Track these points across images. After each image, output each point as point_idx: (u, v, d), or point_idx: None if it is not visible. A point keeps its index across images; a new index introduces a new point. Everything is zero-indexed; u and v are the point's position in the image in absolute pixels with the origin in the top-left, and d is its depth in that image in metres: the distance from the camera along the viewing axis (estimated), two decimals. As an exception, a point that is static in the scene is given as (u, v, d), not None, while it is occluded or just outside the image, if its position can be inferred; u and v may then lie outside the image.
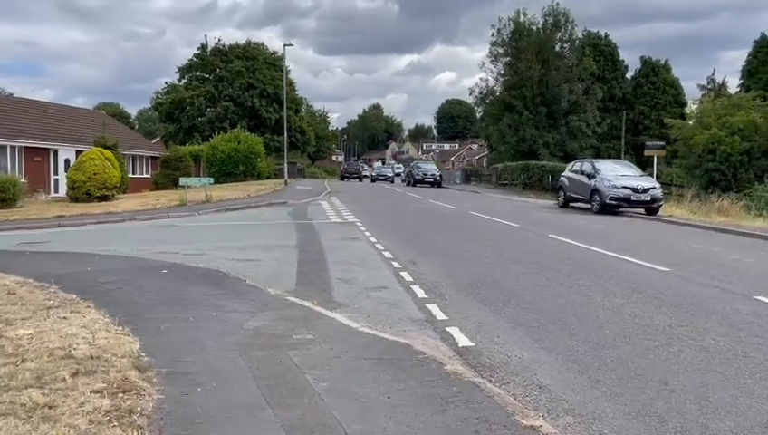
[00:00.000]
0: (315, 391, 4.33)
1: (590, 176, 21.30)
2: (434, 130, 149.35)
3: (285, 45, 44.25)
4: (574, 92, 47.78)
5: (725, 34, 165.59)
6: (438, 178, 44.84)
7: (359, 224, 16.55)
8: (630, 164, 24.63)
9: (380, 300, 7.63)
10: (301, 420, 3.84)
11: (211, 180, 26.78)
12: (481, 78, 69.88)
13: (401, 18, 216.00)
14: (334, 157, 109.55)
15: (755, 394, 4.54)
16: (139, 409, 3.86)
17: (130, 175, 34.56)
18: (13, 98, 38.11)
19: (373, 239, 13.24)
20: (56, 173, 31.52)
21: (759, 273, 9.56)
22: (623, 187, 19.96)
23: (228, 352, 5.24)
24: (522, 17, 49.31)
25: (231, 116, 56.85)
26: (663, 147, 29.65)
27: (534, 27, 49.14)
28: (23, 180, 25.38)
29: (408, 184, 46.14)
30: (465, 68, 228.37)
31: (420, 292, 8.00)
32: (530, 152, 45.80)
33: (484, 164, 72.56)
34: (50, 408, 3.78)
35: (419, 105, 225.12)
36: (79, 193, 23.56)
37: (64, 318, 5.91)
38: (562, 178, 23.97)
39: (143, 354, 5.00)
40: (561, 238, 13.41)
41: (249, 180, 39.80)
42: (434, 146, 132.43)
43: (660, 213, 20.00)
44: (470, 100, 57.74)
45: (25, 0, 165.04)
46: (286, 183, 37.35)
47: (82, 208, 20.52)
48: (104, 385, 4.17)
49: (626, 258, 10.63)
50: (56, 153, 31.84)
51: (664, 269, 9.55)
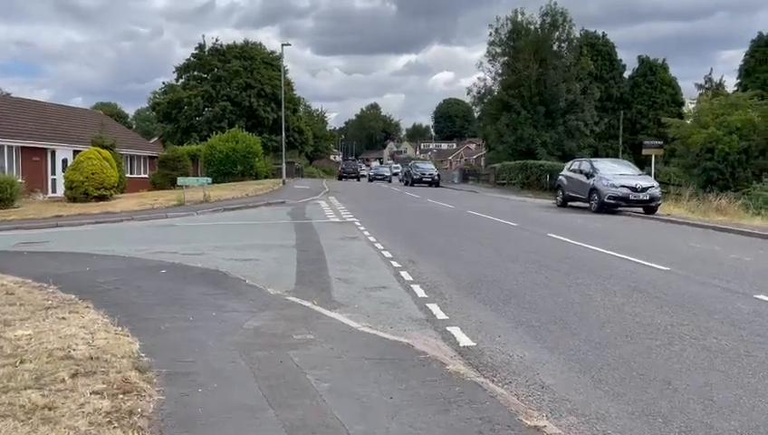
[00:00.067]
0: (317, 392, 4.31)
1: (589, 175, 21.28)
2: (431, 130, 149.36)
3: (283, 45, 44.36)
4: (572, 92, 47.82)
5: (722, 34, 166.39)
6: (436, 177, 44.82)
7: (357, 223, 16.53)
8: (629, 163, 24.64)
9: (380, 300, 7.61)
10: (302, 421, 3.81)
11: (209, 180, 26.72)
12: (479, 77, 70.05)
13: (399, 18, 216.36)
14: (332, 157, 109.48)
15: (759, 393, 4.52)
16: (140, 410, 3.83)
17: (128, 175, 34.48)
18: (10, 98, 38.00)
19: (372, 239, 13.21)
20: (54, 173, 31.43)
21: (759, 271, 9.54)
22: (621, 186, 19.94)
23: (229, 352, 5.21)
24: (519, 17, 49.39)
25: (229, 116, 56.70)
26: (661, 146, 29.65)
27: (532, 27, 49.21)
28: (20, 180, 25.30)
29: (406, 184, 46.11)
30: (462, 68, 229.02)
31: (420, 291, 7.97)
32: (528, 152, 45.81)
33: (481, 163, 72.56)
34: (49, 409, 3.75)
35: (417, 105, 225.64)
36: (76, 193, 23.49)
37: (63, 318, 5.88)
38: (561, 177, 23.96)
39: (143, 355, 4.96)
40: (559, 237, 13.39)
41: (247, 180, 39.74)
42: (431, 146, 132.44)
43: (659, 212, 20.00)
44: (468, 99, 57.76)
45: (22, 0, 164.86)
46: (284, 183, 37.31)
47: (80, 208, 20.46)
48: (104, 386, 4.14)
49: (625, 257, 10.62)
50: (54, 153, 31.75)
51: (664, 268, 9.54)
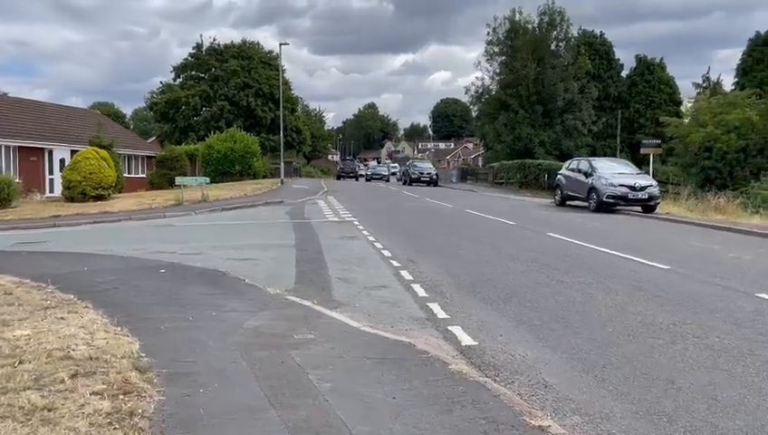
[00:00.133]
0: (319, 392, 4.27)
1: (588, 174, 21.27)
2: (429, 130, 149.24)
3: (281, 44, 44.36)
4: (570, 91, 47.83)
5: (719, 33, 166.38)
6: (435, 176, 44.79)
7: (356, 223, 16.49)
8: (627, 162, 24.63)
9: (381, 299, 7.57)
10: (305, 422, 3.77)
11: (207, 180, 26.68)
12: (477, 77, 70.05)
13: (396, 18, 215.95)
14: (330, 156, 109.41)
15: (763, 392, 4.49)
16: (141, 411, 3.79)
17: (126, 175, 34.34)
18: (7, 97, 37.79)
19: (371, 238, 13.17)
20: (51, 173, 31.32)
21: (760, 270, 9.53)
22: (620, 185, 19.93)
23: (229, 352, 5.17)
24: (517, 16, 49.38)
25: (226, 115, 56.58)
26: (659, 145, 29.60)
27: (530, 26, 49.21)
28: (17, 180, 25.21)
29: (405, 183, 46.07)
30: (460, 67, 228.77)
31: (421, 290, 7.94)
32: (526, 151, 45.81)
33: (479, 163, 72.59)
34: (49, 410, 3.71)
35: (415, 104, 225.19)
36: (74, 193, 23.39)
37: (62, 318, 5.83)
38: (559, 176, 23.94)
39: (143, 355, 4.92)
40: (559, 236, 13.37)
41: (245, 180, 39.64)
42: (429, 145, 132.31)
43: (657, 211, 19.99)
44: (466, 99, 57.68)
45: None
46: (282, 182, 37.25)
47: (78, 208, 20.38)
48: (104, 386, 4.10)
49: (625, 256, 10.60)
50: (51, 153, 31.65)
51: (664, 267, 9.52)
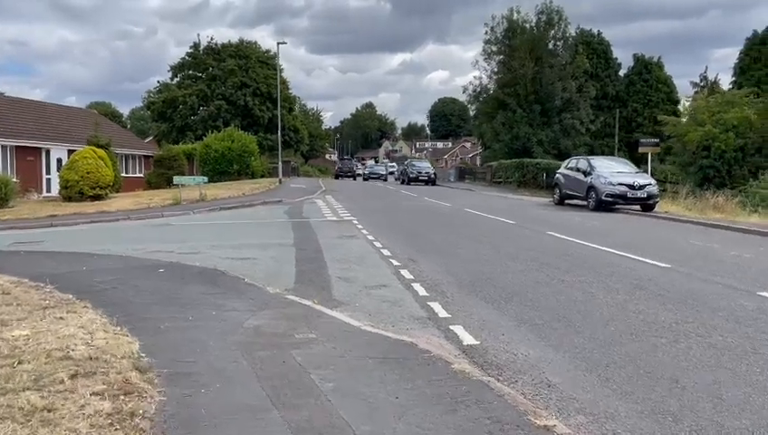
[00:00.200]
0: (321, 392, 4.23)
1: (586, 173, 21.24)
2: (427, 129, 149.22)
3: (279, 43, 44.29)
4: (568, 90, 47.90)
5: (715, 32, 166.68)
6: (433, 176, 44.79)
7: (355, 222, 16.45)
8: (626, 161, 24.62)
9: (381, 298, 7.54)
10: (308, 422, 3.74)
11: (205, 179, 26.60)
12: (475, 76, 69.99)
13: (393, 17, 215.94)
14: (328, 155, 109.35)
15: (768, 391, 4.47)
16: (142, 411, 3.76)
17: (123, 174, 34.23)
18: (4, 97, 37.65)
19: (371, 237, 13.13)
20: (48, 172, 31.23)
21: (761, 269, 9.52)
22: (619, 183, 19.90)
23: (230, 351, 5.13)
24: (515, 15, 49.49)
25: (224, 115, 56.50)
26: (657, 144, 29.61)
27: (528, 25, 49.27)
28: (15, 180, 25.12)
29: (403, 182, 46.05)
30: (457, 67, 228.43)
31: (421, 290, 7.91)
32: (524, 150, 45.82)
33: (477, 162, 72.58)
34: (49, 411, 3.67)
35: (412, 104, 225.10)
36: (72, 192, 23.32)
37: (61, 318, 5.79)
38: (558, 175, 23.92)
39: (143, 355, 4.88)
40: (558, 235, 13.34)
41: (243, 179, 39.56)
42: (427, 144, 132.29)
43: (656, 210, 19.99)
44: (464, 98, 57.66)
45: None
46: (280, 182, 37.20)
47: (75, 208, 20.31)
48: (104, 387, 4.06)
49: (625, 255, 10.58)
50: (48, 152, 31.56)
51: (664, 265, 9.50)
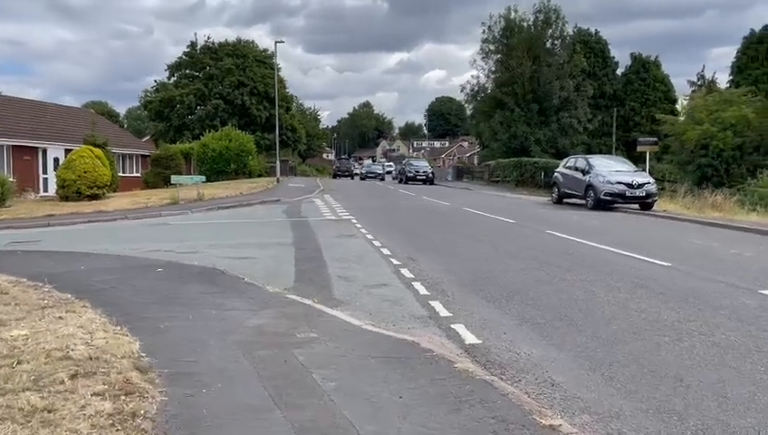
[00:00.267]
0: (324, 391, 4.20)
1: (585, 172, 21.23)
2: (424, 128, 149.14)
3: (277, 42, 44.11)
4: (565, 89, 47.86)
5: (712, 32, 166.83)
6: (430, 175, 44.80)
7: (354, 221, 16.41)
8: (624, 160, 24.65)
9: (382, 297, 7.50)
10: (312, 422, 3.70)
11: (203, 178, 26.54)
12: (472, 75, 69.75)
13: (390, 16, 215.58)
14: (325, 155, 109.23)
15: (773, 390, 4.44)
16: (143, 412, 3.71)
17: (120, 174, 34.10)
18: (0, 96, 37.54)
19: (370, 236, 13.10)
20: (45, 172, 31.13)
21: (762, 267, 9.51)
22: (618, 182, 19.89)
23: (231, 351, 5.10)
24: (513, 14, 49.40)
25: (221, 114, 56.36)
26: (655, 143, 29.64)
27: (525, 24, 49.20)
28: (11, 179, 25.02)
29: (401, 181, 46.04)
30: (454, 66, 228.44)
31: (422, 288, 7.88)
32: (521, 149, 45.79)
33: (474, 161, 72.61)
34: (49, 412, 3.62)
35: (409, 103, 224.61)
36: (69, 192, 23.23)
37: (60, 318, 5.74)
38: (556, 174, 23.93)
39: (143, 355, 4.84)
40: (558, 234, 13.32)
41: (241, 178, 39.51)
42: (424, 144, 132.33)
43: (654, 208, 19.99)
44: (461, 97, 57.69)
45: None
46: (278, 181, 37.16)
47: (73, 207, 20.24)
48: (105, 387, 4.01)
49: (625, 253, 10.55)
50: (45, 152, 31.46)
51: (665, 264, 9.48)
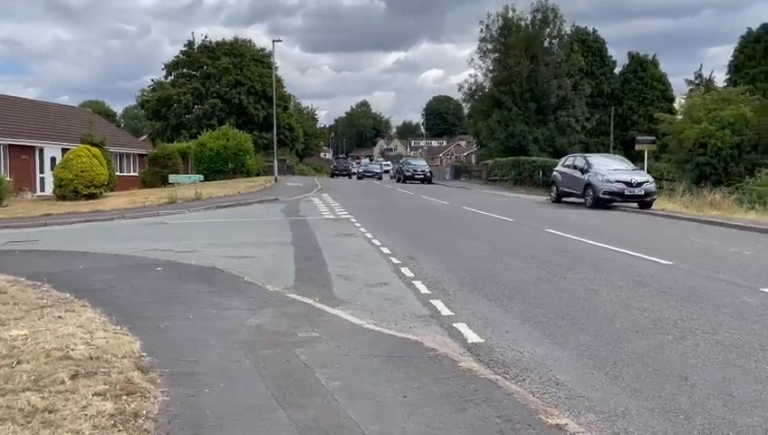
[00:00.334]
0: (327, 391, 4.16)
1: (584, 170, 21.22)
2: (422, 127, 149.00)
3: (274, 41, 43.77)
4: (563, 88, 47.85)
5: (709, 31, 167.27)
6: (428, 174, 44.78)
7: (353, 220, 16.37)
8: (623, 158, 24.61)
9: (383, 296, 7.46)
10: (315, 422, 3.66)
11: (201, 177, 26.46)
12: (470, 74, 69.55)
13: (388, 16, 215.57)
14: (322, 154, 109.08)
15: (778, 388, 4.41)
16: (145, 412, 3.67)
17: (118, 173, 34.01)
18: (-3, 95, 37.42)
19: (369, 235, 13.06)
20: (42, 171, 31.01)
21: (762, 266, 9.49)
22: (617, 181, 19.87)
23: (232, 350, 5.06)
24: (510, 13, 49.37)
25: (218, 113, 56.23)
26: (654, 141, 29.62)
27: (523, 23, 49.20)
28: (8, 179, 24.90)
29: (398, 180, 46.00)
30: (451, 65, 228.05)
31: (423, 287, 7.84)
32: (519, 148, 45.78)
33: (472, 160, 72.58)
34: (50, 412, 3.57)
35: (407, 102, 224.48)
36: (66, 191, 23.13)
37: (59, 317, 5.69)
38: (555, 172, 23.90)
39: (144, 354, 4.80)
40: (557, 233, 13.30)
41: (238, 178, 39.43)
42: (422, 143, 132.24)
43: (653, 207, 19.99)
44: (459, 96, 57.66)
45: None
46: (276, 180, 37.09)
47: (70, 207, 20.16)
48: (106, 387, 3.97)
49: (626, 252, 10.54)
50: (42, 151, 31.34)
51: (666, 262, 9.46)
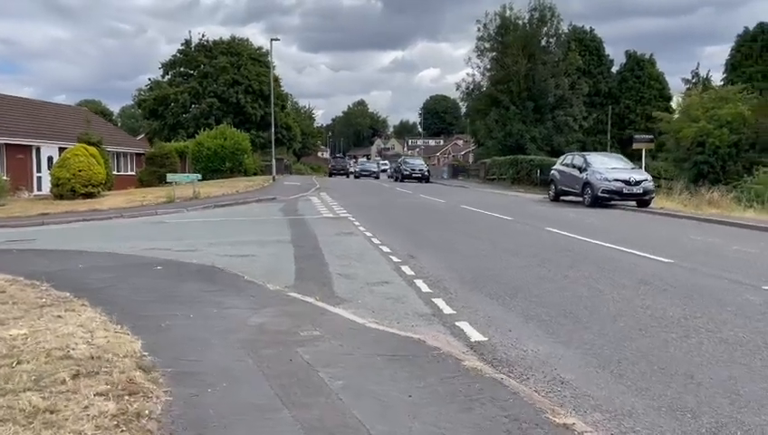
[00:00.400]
0: (331, 390, 4.12)
1: (582, 169, 21.21)
2: (419, 127, 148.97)
3: (272, 40, 43.45)
4: (560, 87, 47.86)
5: (706, 30, 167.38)
6: (426, 173, 44.71)
7: (352, 219, 16.32)
8: (621, 157, 24.59)
9: (384, 295, 7.43)
10: (320, 422, 3.63)
11: (198, 177, 26.38)
12: (467, 73, 69.65)
13: (384, 15, 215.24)
14: (320, 153, 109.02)
15: (785, 386, 4.39)
16: (148, 412, 3.63)
17: (115, 172, 33.93)
18: (-7, 95, 37.25)
19: (369, 234, 13.02)
20: (39, 171, 30.88)
21: (764, 264, 9.49)
22: (615, 179, 19.87)
23: (234, 349, 5.01)
24: (508, 12, 49.31)
25: (216, 112, 56.03)
26: (651, 140, 29.62)
27: (520, 22, 49.13)
28: (5, 178, 24.80)
29: (396, 179, 45.94)
30: (448, 64, 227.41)
31: (424, 286, 7.80)
32: (517, 147, 45.75)
33: (470, 159, 72.59)
34: (51, 412, 3.53)
35: (404, 101, 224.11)
36: (63, 190, 23.03)
37: (59, 317, 5.64)
38: (553, 171, 23.89)
39: (146, 354, 4.75)
40: (557, 231, 13.28)
41: (236, 177, 39.30)
42: (419, 142, 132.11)
43: (651, 205, 19.99)
44: (456, 95, 57.50)
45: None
46: (274, 179, 37.02)
47: (67, 206, 20.08)
48: (108, 387, 3.92)
49: (627, 250, 10.52)
50: (39, 150, 31.20)
51: (667, 260, 9.44)
